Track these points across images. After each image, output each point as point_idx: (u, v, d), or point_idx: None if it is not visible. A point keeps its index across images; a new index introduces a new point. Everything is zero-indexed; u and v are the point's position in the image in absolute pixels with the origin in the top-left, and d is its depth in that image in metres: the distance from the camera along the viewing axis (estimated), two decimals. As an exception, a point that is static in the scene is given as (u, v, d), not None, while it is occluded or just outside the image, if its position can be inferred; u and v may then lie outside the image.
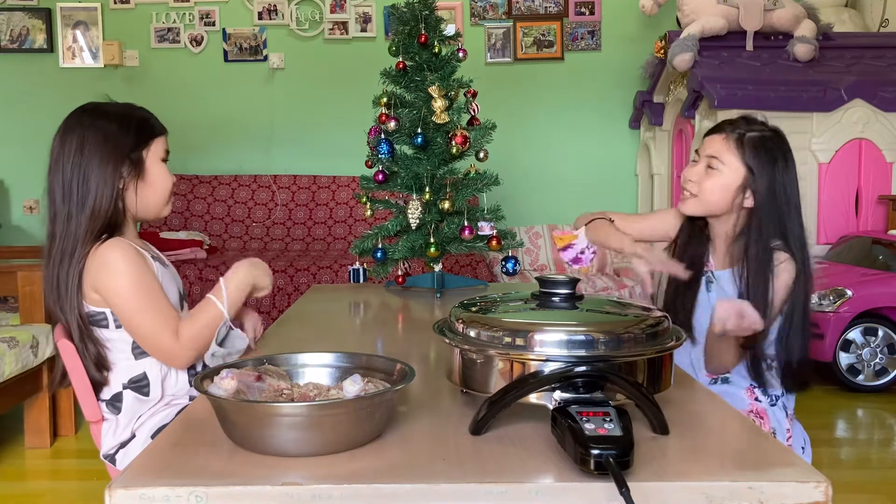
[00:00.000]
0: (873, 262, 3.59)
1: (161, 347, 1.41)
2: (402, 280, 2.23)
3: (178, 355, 1.42)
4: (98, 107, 1.50)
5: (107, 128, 1.45)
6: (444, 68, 2.19)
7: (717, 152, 1.60)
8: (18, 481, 2.62)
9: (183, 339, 1.41)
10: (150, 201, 1.50)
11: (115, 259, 1.39)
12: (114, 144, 1.44)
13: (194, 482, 0.82)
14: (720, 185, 1.59)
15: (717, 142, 1.61)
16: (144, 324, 1.40)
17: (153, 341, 1.41)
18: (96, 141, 1.43)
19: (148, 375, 1.45)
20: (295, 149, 5.13)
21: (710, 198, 1.60)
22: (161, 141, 1.52)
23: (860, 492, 2.44)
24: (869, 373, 3.50)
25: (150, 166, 1.49)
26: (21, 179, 5.06)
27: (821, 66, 4.19)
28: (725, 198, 1.59)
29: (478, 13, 5.07)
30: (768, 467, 0.85)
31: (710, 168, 1.60)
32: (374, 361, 1.08)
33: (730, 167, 1.58)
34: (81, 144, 1.43)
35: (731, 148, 1.59)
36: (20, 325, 2.84)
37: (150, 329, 1.40)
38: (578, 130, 5.14)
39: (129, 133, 1.46)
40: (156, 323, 1.40)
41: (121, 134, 1.46)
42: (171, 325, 1.41)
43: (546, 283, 1.09)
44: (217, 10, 5.03)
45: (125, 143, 1.45)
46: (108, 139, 1.44)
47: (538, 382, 0.93)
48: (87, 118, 1.46)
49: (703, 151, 1.63)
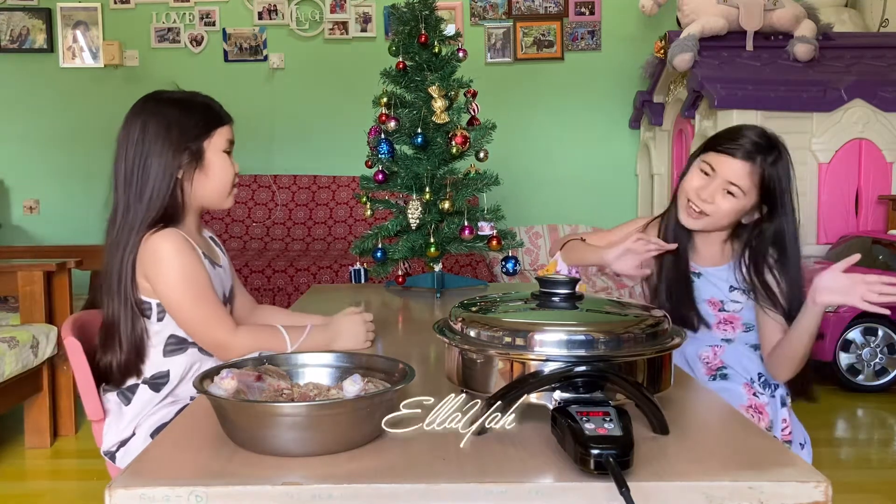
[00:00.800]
0: (873, 262, 3.59)
1: (213, 337, 1.42)
2: (402, 280, 2.23)
3: (230, 349, 1.41)
4: (162, 94, 1.49)
5: (169, 115, 1.44)
6: (444, 68, 2.19)
7: (738, 180, 1.56)
8: (18, 481, 2.62)
9: (240, 338, 1.41)
10: (209, 192, 1.49)
11: (167, 250, 1.39)
12: (176, 133, 1.43)
13: (194, 482, 0.82)
14: (736, 210, 1.59)
15: (740, 171, 1.56)
16: (194, 315, 1.41)
17: (203, 331, 1.42)
18: (157, 128, 1.43)
19: (171, 374, 1.46)
20: (295, 149, 5.13)
21: (724, 221, 1.61)
22: (225, 130, 1.50)
23: (860, 492, 2.44)
24: (869, 373, 3.50)
25: (210, 156, 1.47)
26: (21, 179, 5.06)
27: (821, 66, 4.18)
28: (735, 219, 1.62)
29: (478, 13, 5.07)
30: (768, 467, 0.85)
31: (729, 193, 1.58)
32: (374, 361, 1.08)
33: (748, 195, 1.58)
34: (143, 131, 1.43)
35: (753, 181, 1.56)
36: (20, 325, 2.84)
37: (201, 320, 1.41)
38: (578, 130, 5.14)
39: (190, 121, 1.45)
40: (206, 314, 1.40)
41: (182, 122, 1.44)
42: (221, 317, 1.42)
43: (546, 283, 1.09)
44: (217, 10, 5.03)
45: (186, 131, 1.44)
46: (171, 127, 1.43)
47: (538, 382, 0.93)
48: (150, 105, 1.46)
49: (722, 174, 1.57)
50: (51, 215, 5.06)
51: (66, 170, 5.02)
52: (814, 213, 3.98)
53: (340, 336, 1.46)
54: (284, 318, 1.66)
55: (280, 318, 1.64)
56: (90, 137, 4.89)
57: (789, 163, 1.59)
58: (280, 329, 1.45)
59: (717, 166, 1.59)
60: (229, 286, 1.60)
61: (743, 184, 1.56)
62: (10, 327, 2.82)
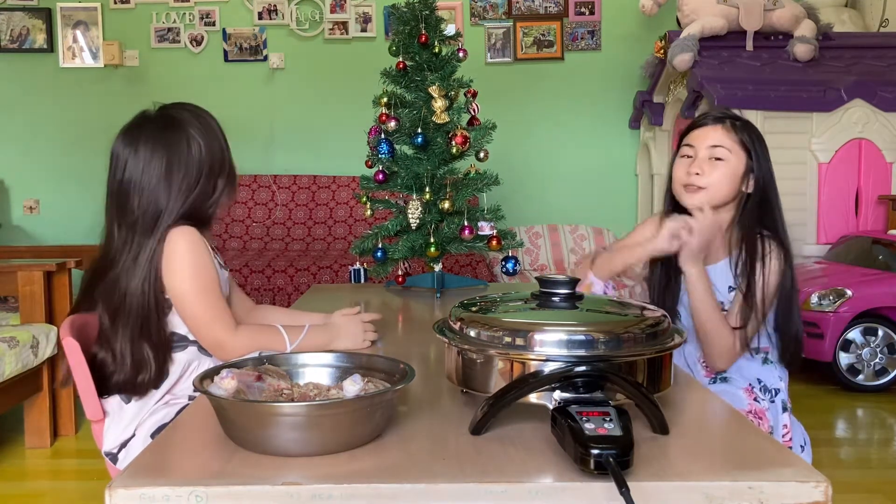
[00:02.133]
0: (873, 262, 3.59)
1: (215, 334, 1.43)
2: (402, 280, 2.23)
3: (229, 348, 1.42)
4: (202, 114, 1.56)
5: (214, 135, 1.52)
6: (444, 68, 2.19)
7: (719, 141, 1.61)
8: (18, 481, 2.62)
9: (239, 338, 1.43)
10: (227, 206, 1.58)
11: (183, 242, 1.42)
12: (220, 154, 1.52)
13: (194, 482, 0.82)
14: (729, 175, 1.61)
15: (717, 132, 1.62)
16: (199, 309, 1.42)
17: (206, 326, 1.43)
18: (209, 148, 1.49)
19: (170, 371, 1.46)
20: (295, 149, 5.13)
21: (721, 189, 1.61)
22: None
23: (860, 492, 2.44)
24: (869, 373, 3.50)
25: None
26: (21, 179, 5.06)
27: (821, 66, 4.19)
28: (733, 187, 1.62)
29: (478, 13, 5.07)
30: (768, 467, 0.85)
31: (717, 159, 1.60)
32: (374, 361, 1.08)
33: (735, 154, 1.60)
34: (188, 146, 1.47)
35: (732, 135, 1.61)
36: (20, 325, 2.84)
37: (206, 316, 1.42)
38: (578, 130, 5.14)
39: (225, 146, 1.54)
40: (211, 310, 1.42)
41: (222, 146, 1.53)
42: (225, 317, 1.43)
43: (546, 283, 1.09)
44: (217, 10, 5.03)
45: (226, 156, 1.53)
46: (215, 149, 1.50)
47: (538, 382, 0.93)
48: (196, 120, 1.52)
49: (702, 144, 1.62)
50: (51, 215, 5.06)
51: (66, 170, 5.02)
52: (814, 213, 3.99)
53: (339, 336, 1.47)
54: (284, 317, 1.67)
55: (279, 318, 1.65)
56: (90, 137, 4.88)
57: (759, 133, 1.64)
58: (279, 328, 1.46)
59: (694, 142, 1.64)
60: (227, 293, 1.61)
61: (725, 143, 1.60)
62: (10, 327, 2.82)
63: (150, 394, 1.46)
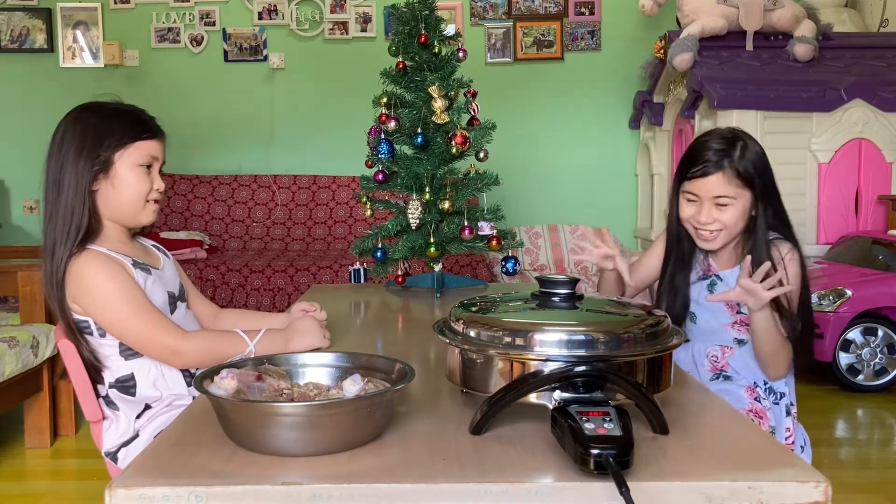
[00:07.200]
0: (873, 262, 3.59)
1: (161, 344, 1.39)
2: (402, 280, 2.23)
3: (183, 353, 1.40)
4: (90, 104, 1.47)
5: (87, 124, 1.42)
6: (444, 68, 2.19)
7: (722, 191, 1.59)
8: (18, 481, 2.62)
9: (193, 342, 1.40)
10: (118, 207, 1.44)
11: (91, 275, 1.37)
12: (90, 142, 1.40)
13: (194, 482, 0.82)
14: (739, 212, 1.61)
15: (718, 181, 1.58)
16: (134, 328, 1.38)
17: (148, 342, 1.40)
18: (74, 137, 1.41)
19: (135, 376, 1.45)
20: (295, 149, 5.13)
21: (735, 227, 1.62)
22: (148, 145, 1.46)
23: (860, 492, 2.44)
24: (869, 373, 3.50)
25: (119, 169, 1.42)
26: (21, 179, 5.06)
27: (821, 66, 4.18)
28: (745, 218, 1.63)
29: (478, 13, 5.07)
30: (768, 467, 0.85)
31: (721, 206, 1.60)
32: (374, 361, 1.08)
33: (739, 196, 1.59)
34: (62, 139, 1.41)
35: (732, 179, 1.58)
36: (20, 325, 2.84)
37: (143, 331, 1.39)
38: (578, 130, 5.14)
39: (105, 131, 1.42)
40: (146, 326, 1.38)
41: (98, 131, 1.41)
42: (163, 324, 1.40)
43: (546, 283, 1.09)
44: (217, 10, 5.03)
45: (99, 141, 1.41)
46: (86, 136, 1.40)
47: (538, 382, 0.93)
48: (74, 113, 1.44)
49: (705, 194, 1.60)
50: (51, 215, 5.05)
51: (66, 170, 5.01)
52: (814, 213, 3.98)
53: (295, 336, 1.43)
54: (248, 319, 1.64)
55: (244, 320, 1.62)
56: (90, 137, 4.88)
57: (757, 147, 1.62)
58: (238, 331, 1.43)
59: (697, 191, 1.62)
60: (177, 285, 1.56)
61: (728, 192, 1.59)
62: (10, 327, 2.82)
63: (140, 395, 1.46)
